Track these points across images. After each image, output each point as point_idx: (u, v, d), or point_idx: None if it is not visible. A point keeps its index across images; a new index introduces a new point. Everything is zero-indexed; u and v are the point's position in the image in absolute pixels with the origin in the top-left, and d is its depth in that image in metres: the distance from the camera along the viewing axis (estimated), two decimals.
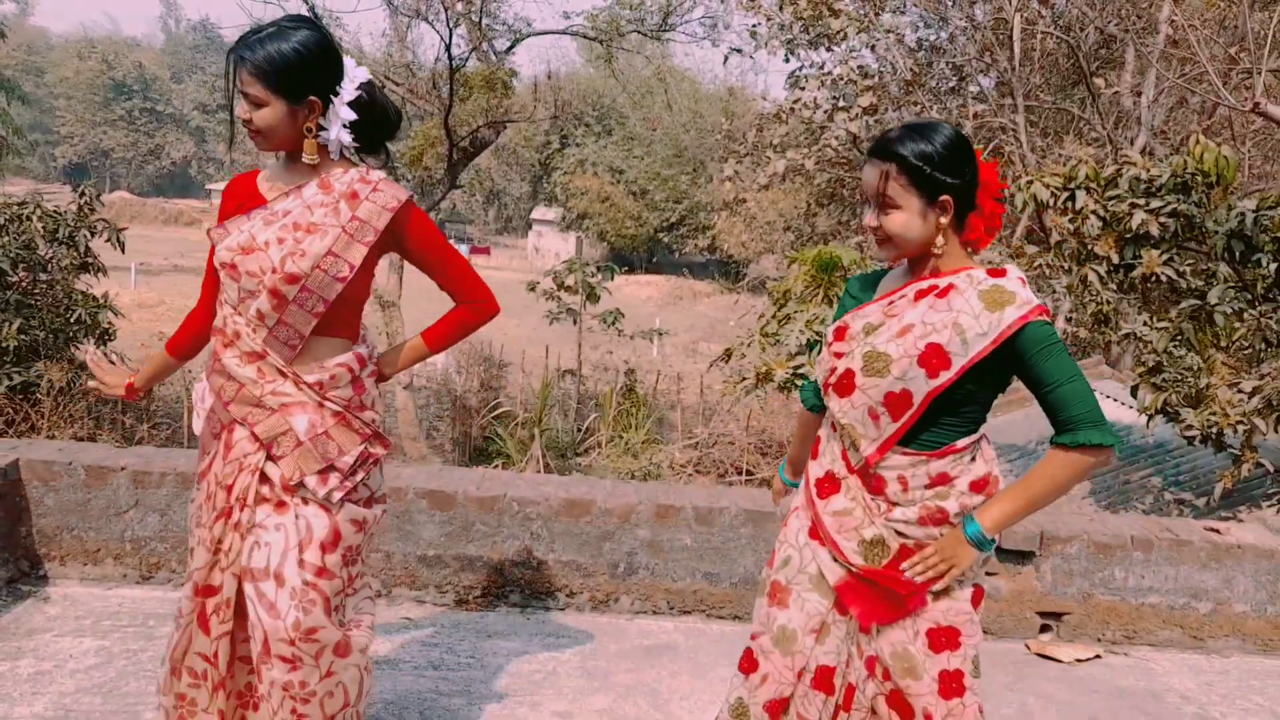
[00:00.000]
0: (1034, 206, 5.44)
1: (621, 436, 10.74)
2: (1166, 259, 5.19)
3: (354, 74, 2.10)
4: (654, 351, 17.32)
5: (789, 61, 12.99)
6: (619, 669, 3.26)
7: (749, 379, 7.12)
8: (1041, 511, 2.48)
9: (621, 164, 38.92)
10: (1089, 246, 5.36)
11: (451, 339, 2.31)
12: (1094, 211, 5.24)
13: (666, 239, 38.94)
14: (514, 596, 3.67)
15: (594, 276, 11.84)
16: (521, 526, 3.65)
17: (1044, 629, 3.80)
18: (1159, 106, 11.64)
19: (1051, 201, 5.35)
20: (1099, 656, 3.70)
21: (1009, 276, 1.89)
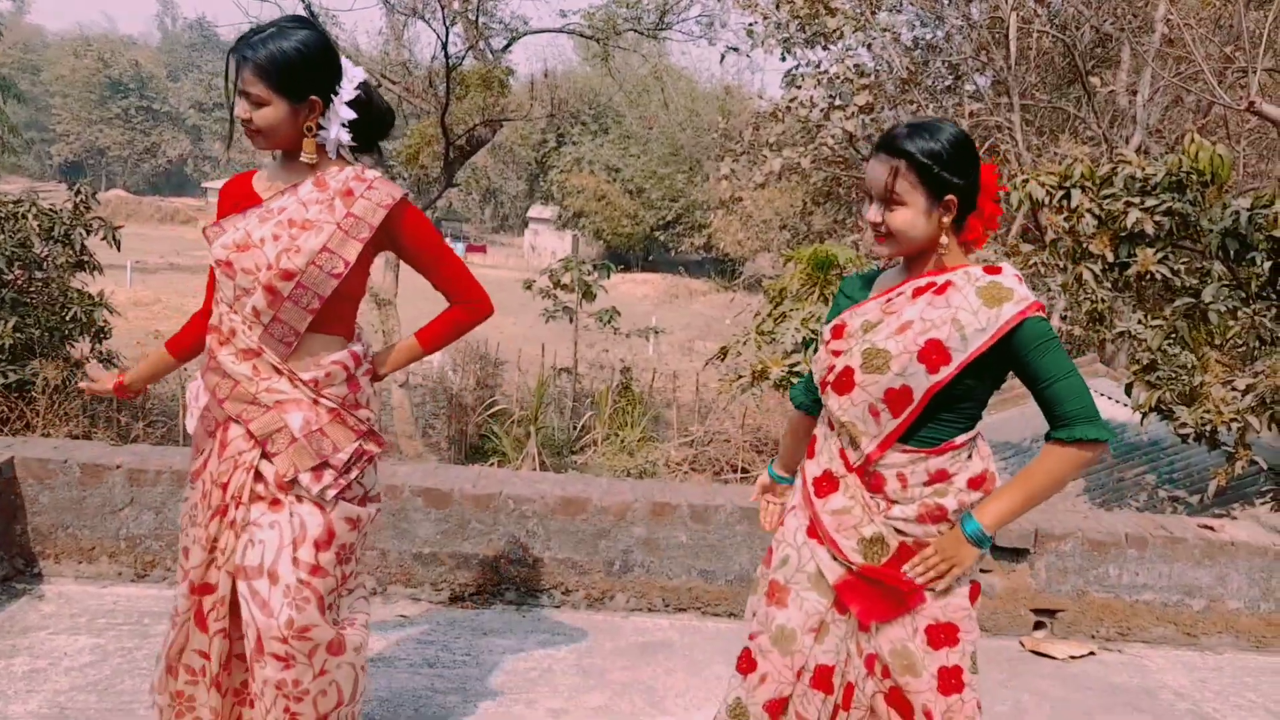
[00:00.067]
0: (1029, 205, 5.45)
1: (617, 434, 10.75)
2: (1161, 257, 5.21)
3: (352, 73, 2.12)
4: (650, 350, 17.33)
5: (785, 60, 13.04)
6: (614, 666, 3.26)
7: (744, 377, 7.14)
8: (1036, 509, 2.49)
9: (618, 162, 38.87)
10: (1084, 245, 5.37)
11: (445, 339, 2.31)
12: (1089, 210, 5.26)
13: (663, 237, 38.89)
14: (509, 594, 3.67)
15: (590, 275, 11.86)
16: (517, 524, 3.65)
17: (1038, 626, 3.81)
18: (1154, 105, 11.67)
19: (1047, 200, 5.36)
20: (1093, 653, 3.70)
21: (1005, 273, 1.91)
